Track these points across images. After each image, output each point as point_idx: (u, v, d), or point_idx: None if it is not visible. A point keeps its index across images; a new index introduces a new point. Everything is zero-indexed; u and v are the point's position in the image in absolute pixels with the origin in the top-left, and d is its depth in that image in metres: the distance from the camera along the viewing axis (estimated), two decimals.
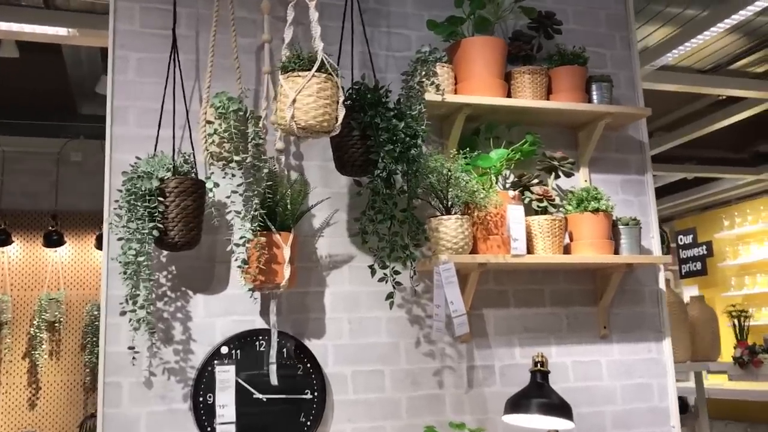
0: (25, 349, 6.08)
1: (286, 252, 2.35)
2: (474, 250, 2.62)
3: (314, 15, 2.21)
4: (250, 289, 2.27)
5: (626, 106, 3.07)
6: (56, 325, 6.12)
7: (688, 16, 4.82)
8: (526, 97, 2.84)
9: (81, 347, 6.23)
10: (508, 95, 2.85)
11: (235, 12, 2.59)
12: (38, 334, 6.02)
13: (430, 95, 2.59)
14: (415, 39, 2.94)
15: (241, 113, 2.27)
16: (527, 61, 2.92)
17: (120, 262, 2.25)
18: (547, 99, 2.89)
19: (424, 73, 2.63)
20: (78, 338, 6.27)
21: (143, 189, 2.25)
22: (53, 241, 6.06)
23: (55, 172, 6.17)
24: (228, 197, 2.28)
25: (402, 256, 2.39)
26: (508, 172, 2.88)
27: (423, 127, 2.46)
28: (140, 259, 2.24)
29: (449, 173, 2.54)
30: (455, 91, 2.77)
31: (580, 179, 3.02)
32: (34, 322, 6.03)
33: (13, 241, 6.12)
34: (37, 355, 6.01)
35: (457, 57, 2.80)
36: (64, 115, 5.91)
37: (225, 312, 2.52)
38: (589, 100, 2.95)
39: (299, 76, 2.14)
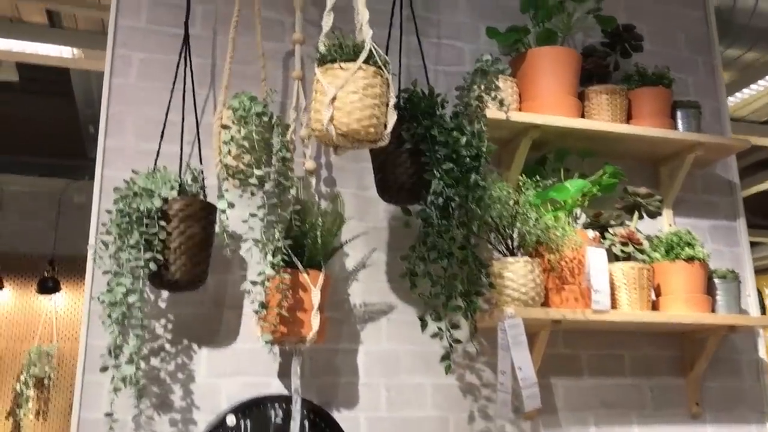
0: (8, 408, 5.50)
1: (315, 296, 1.84)
2: (545, 303, 2.11)
3: None
4: (268, 342, 1.76)
5: (722, 137, 2.59)
6: (45, 381, 5.56)
7: (747, 61, 4.40)
8: (604, 120, 2.37)
9: (72, 408, 5.65)
10: (581, 118, 2.38)
11: (261, 11, 2.15)
12: (25, 391, 5.44)
13: (492, 112, 2.12)
14: (469, 52, 2.51)
15: (265, 118, 1.81)
16: (602, 81, 2.47)
17: (104, 302, 1.75)
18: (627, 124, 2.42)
19: (483, 86, 2.16)
20: (69, 397, 5.69)
21: (141, 210, 1.78)
22: (48, 287, 5.55)
23: (56, 214, 5.73)
24: (245, 222, 1.79)
25: (462, 306, 1.88)
26: (578, 211, 2.39)
27: (485, 146, 1.98)
28: (131, 299, 1.75)
29: (516, 205, 2.05)
30: (519, 110, 2.31)
31: (664, 223, 2.53)
32: (21, 378, 5.47)
33: (3, 287, 5.62)
34: (22, 415, 5.42)
35: (522, 71, 2.34)
36: (69, 155, 5.53)
37: (233, 371, 2.00)
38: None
39: (341, 68, 1.68)
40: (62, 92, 4.72)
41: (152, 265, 1.77)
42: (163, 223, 1.79)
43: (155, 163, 1.96)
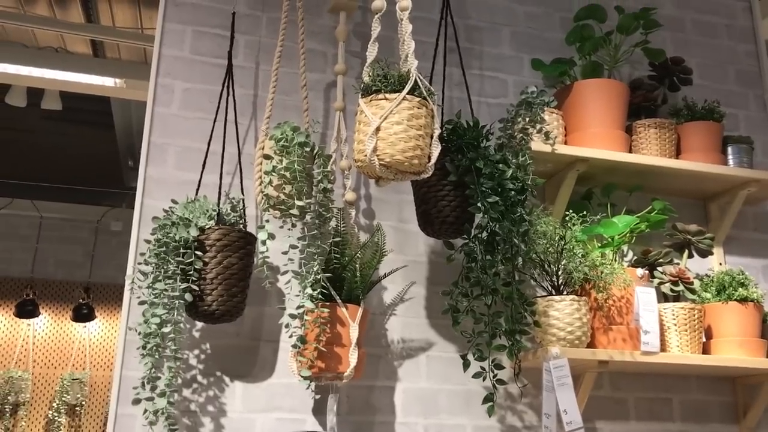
0: None
1: (353, 331, 1.79)
2: (591, 344, 2.02)
3: (407, 27, 1.74)
4: (306, 378, 1.70)
5: None
6: (77, 408, 5.56)
7: None
8: (652, 154, 2.30)
9: None
10: (629, 152, 2.32)
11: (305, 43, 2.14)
12: (57, 418, 5.45)
13: (537, 144, 2.08)
14: (512, 84, 2.47)
15: (307, 148, 1.78)
16: (650, 115, 2.40)
17: (139, 332, 1.73)
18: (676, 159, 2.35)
19: (528, 118, 2.11)
20: (100, 424, 5.68)
21: (177, 239, 1.75)
22: (83, 315, 5.59)
23: (92, 242, 5.78)
24: (284, 253, 1.76)
25: (506, 345, 1.81)
26: (625, 248, 2.32)
27: (530, 179, 1.93)
28: (165, 329, 1.72)
29: (562, 241, 1.99)
30: (565, 143, 2.26)
31: (714, 262, 2.43)
32: (54, 404, 5.48)
33: (40, 313, 5.66)
34: None
35: (568, 103, 2.29)
36: (108, 183, 5.60)
37: (268, 407, 1.95)
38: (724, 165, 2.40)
39: (385, 99, 1.65)
40: (103, 122, 4.81)
41: (187, 296, 1.74)
42: (199, 252, 1.77)
43: (196, 193, 1.94)
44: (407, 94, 1.64)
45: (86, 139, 5.18)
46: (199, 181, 1.98)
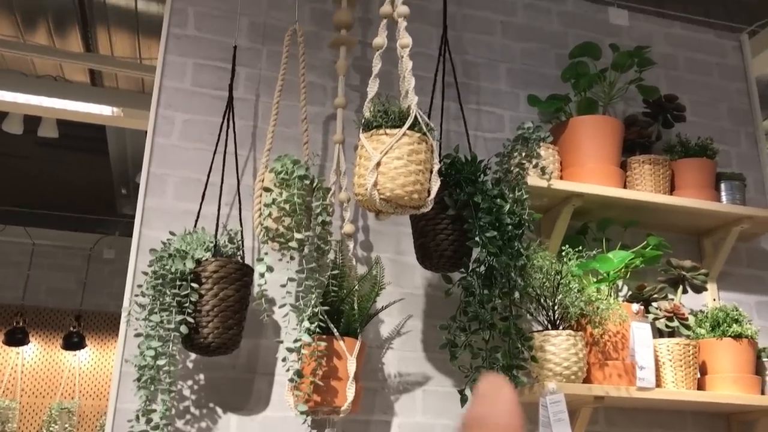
0: None
1: (351, 365, 1.79)
2: (587, 379, 2.02)
3: (408, 64, 1.77)
4: (303, 413, 1.69)
5: None
6: None
7: None
8: (647, 190, 2.33)
9: None
10: (624, 188, 2.34)
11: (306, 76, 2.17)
12: None
13: (533, 179, 2.09)
14: (509, 119, 2.50)
15: (307, 181, 1.79)
16: (644, 151, 2.43)
17: (135, 365, 1.72)
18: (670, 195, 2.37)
19: (525, 153, 2.13)
20: None
21: (173, 271, 1.75)
22: (73, 343, 5.54)
23: (85, 269, 5.75)
24: (283, 286, 1.76)
25: None
26: (620, 284, 2.33)
27: (527, 214, 1.94)
28: (160, 362, 1.71)
29: (559, 276, 2.00)
30: (561, 179, 2.28)
31: (708, 298, 2.44)
32: None
33: (30, 341, 5.61)
34: None
35: (563, 139, 2.32)
36: (101, 210, 5.59)
37: None
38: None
39: (386, 134, 1.66)
40: (97, 149, 4.82)
41: (183, 328, 1.74)
42: (195, 284, 1.77)
43: (195, 224, 1.95)
44: (407, 129, 1.66)
45: (80, 167, 5.19)
46: (198, 212, 1.99)
